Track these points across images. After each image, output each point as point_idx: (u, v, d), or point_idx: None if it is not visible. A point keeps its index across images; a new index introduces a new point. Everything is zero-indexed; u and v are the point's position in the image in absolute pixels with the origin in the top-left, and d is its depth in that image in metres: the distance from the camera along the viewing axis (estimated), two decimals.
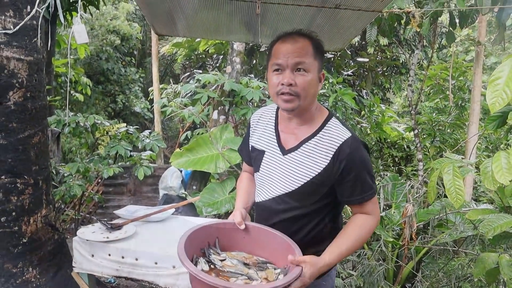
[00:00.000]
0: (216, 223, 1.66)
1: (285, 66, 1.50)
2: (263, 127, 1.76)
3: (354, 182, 1.54)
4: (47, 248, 2.44)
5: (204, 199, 4.46)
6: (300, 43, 1.51)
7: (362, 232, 1.57)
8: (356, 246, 1.57)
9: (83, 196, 5.28)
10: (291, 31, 1.56)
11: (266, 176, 1.68)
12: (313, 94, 1.55)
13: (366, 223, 1.58)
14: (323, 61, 1.60)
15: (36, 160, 2.33)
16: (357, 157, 1.53)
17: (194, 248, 1.54)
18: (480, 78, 5.25)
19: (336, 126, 1.58)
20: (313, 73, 1.51)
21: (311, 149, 1.56)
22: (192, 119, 4.79)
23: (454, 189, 2.57)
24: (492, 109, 2.26)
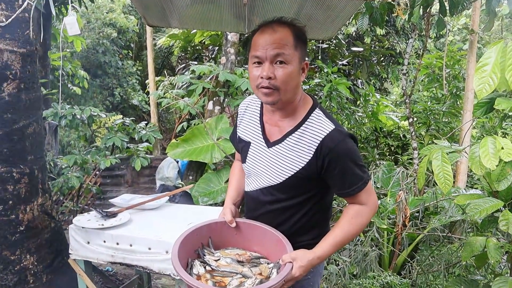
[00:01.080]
0: (207, 224, 1.66)
1: (264, 58, 1.43)
2: (249, 117, 1.73)
3: (342, 176, 1.51)
4: (44, 236, 2.49)
5: (200, 189, 4.53)
6: (279, 33, 1.43)
7: (356, 223, 1.54)
8: (350, 237, 1.56)
9: (81, 188, 5.34)
10: (271, 20, 1.49)
11: (252, 167, 1.67)
12: (295, 86, 1.49)
13: (360, 213, 1.55)
14: (306, 50, 1.53)
15: (31, 150, 2.37)
16: (341, 151, 1.48)
17: (188, 251, 1.57)
18: (474, 66, 5.26)
19: (319, 118, 1.54)
20: (293, 64, 1.44)
21: (294, 142, 1.53)
22: (188, 110, 4.83)
23: (442, 174, 2.61)
24: (479, 95, 2.31)
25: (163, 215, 2.58)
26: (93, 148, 5.03)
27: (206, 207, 3.05)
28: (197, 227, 1.64)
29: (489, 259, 2.67)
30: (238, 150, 1.85)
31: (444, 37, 12.15)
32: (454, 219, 3.07)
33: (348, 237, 1.55)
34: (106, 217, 2.41)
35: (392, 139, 7.33)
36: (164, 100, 4.94)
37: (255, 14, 2.54)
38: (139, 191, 6.41)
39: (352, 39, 9.03)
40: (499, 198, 2.60)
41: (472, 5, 5.21)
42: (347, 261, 3.45)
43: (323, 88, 5.68)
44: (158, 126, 10.58)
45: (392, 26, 9.26)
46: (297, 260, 1.43)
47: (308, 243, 1.63)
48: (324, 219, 1.70)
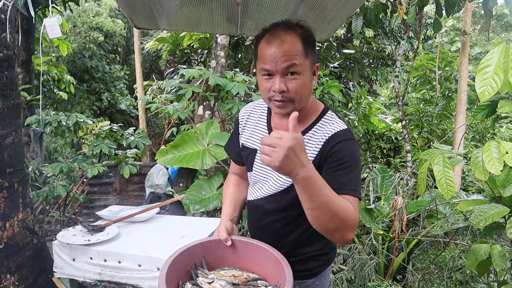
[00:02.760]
0: (200, 242, 1.54)
1: (275, 71, 1.34)
2: (254, 123, 1.65)
3: (337, 170, 1.38)
4: (26, 253, 2.34)
5: (191, 196, 4.39)
6: (287, 44, 1.32)
7: (345, 204, 1.27)
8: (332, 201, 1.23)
9: (68, 197, 5.17)
10: (276, 25, 1.39)
11: (259, 175, 1.60)
12: (308, 94, 1.42)
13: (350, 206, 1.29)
14: (315, 52, 1.42)
15: (10, 162, 2.22)
16: (346, 148, 1.40)
17: (179, 273, 1.44)
18: (467, 68, 5.22)
19: (332, 118, 1.48)
20: (305, 73, 1.35)
21: (306, 142, 1.44)
22: (177, 115, 4.70)
23: (444, 180, 2.53)
24: (482, 98, 2.22)
25: (153, 228, 2.45)
26: (79, 156, 4.88)
27: (198, 218, 2.92)
28: (189, 246, 1.51)
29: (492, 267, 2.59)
30: (236, 160, 1.79)
31: (432, 39, 12.21)
32: (456, 226, 2.98)
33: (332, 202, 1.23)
34: (92, 232, 2.27)
35: (384, 142, 7.27)
36: (153, 105, 4.81)
37: (247, 16, 2.42)
38: (128, 199, 6.25)
39: (341, 41, 8.98)
40: (503, 203, 2.52)
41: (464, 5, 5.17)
42: (344, 269, 3.36)
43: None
44: (147, 131, 10.44)
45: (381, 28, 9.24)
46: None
47: (316, 254, 1.61)
48: None
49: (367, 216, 3.81)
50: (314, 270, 1.67)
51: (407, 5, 3.13)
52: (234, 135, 1.76)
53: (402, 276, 3.77)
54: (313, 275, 1.67)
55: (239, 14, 2.38)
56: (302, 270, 1.64)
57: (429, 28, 10.46)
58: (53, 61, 8.98)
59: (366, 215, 3.82)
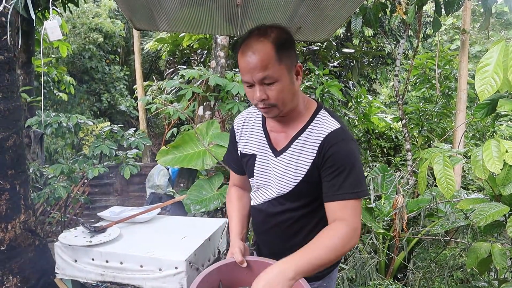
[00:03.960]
0: (217, 267, 1.55)
1: (252, 82, 1.37)
2: (250, 130, 1.66)
3: (335, 176, 1.41)
4: (28, 255, 2.34)
5: (192, 197, 4.39)
6: (259, 54, 1.33)
7: (333, 240, 1.35)
8: (326, 254, 1.33)
9: (69, 198, 5.18)
10: (250, 32, 1.39)
11: (260, 180, 1.61)
12: (292, 97, 1.43)
13: (337, 230, 1.37)
14: (294, 53, 1.43)
15: (11, 164, 2.22)
16: (342, 149, 1.41)
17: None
18: (466, 66, 5.22)
19: (325, 117, 1.49)
20: (283, 78, 1.37)
21: (301, 146, 1.48)
22: (178, 115, 4.70)
23: (445, 179, 2.54)
24: (481, 97, 2.22)
25: (155, 229, 2.46)
26: (80, 157, 4.88)
27: (199, 218, 2.93)
28: (207, 272, 1.52)
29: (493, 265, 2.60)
30: (236, 170, 1.78)
31: (432, 38, 12.20)
32: (457, 225, 2.99)
33: (323, 254, 1.33)
34: (94, 233, 2.27)
35: (384, 141, 7.28)
36: (153, 106, 4.81)
37: (247, 17, 2.43)
38: (129, 199, 6.26)
39: (340, 40, 8.99)
40: (503, 202, 2.53)
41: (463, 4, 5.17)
42: (345, 268, 3.36)
43: (314, 90, 5.60)
44: (147, 131, 10.44)
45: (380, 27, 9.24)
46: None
47: None
48: None
49: (367, 215, 3.82)
50: (321, 272, 1.65)
51: (406, 4, 3.14)
52: (231, 145, 1.76)
53: (403, 275, 3.78)
54: (320, 277, 1.67)
55: (239, 15, 2.38)
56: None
57: (429, 26, 10.46)
58: (53, 62, 8.99)
59: (366, 214, 3.83)
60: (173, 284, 1.99)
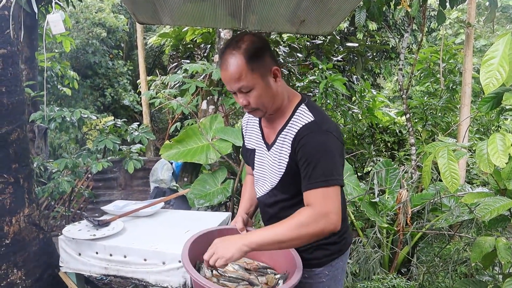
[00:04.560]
0: (218, 229, 1.70)
1: (233, 91, 1.53)
2: (251, 127, 1.83)
3: (305, 167, 1.49)
4: (32, 249, 2.35)
5: (195, 191, 4.39)
6: (232, 67, 1.46)
7: (293, 219, 1.44)
8: (282, 231, 1.43)
9: (73, 192, 5.19)
10: (224, 48, 1.52)
11: (258, 172, 1.75)
12: (271, 98, 1.55)
13: (300, 212, 1.46)
14: (266, 61, 1.52)
15: (15, 158, 2.22)
16: (312, 140, 1.50)
17: (197, 254, 1.55)
18: (471, 60, 5.19)
19: (302, 112, 1.59)
20: (258, 85, 1.49)
21: (283, 139, 1.59)
22: (181, 110, 4.69)
23: (449, 173, 2.52)
24: (486, 90, 2.20)
25: (158, 223, 2.46)
26: (84, 151, 4.89)
27: (203, 212, 2.93)
28: (208, 230, 1.68)
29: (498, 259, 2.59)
30: (248, 163, 1.91)
31: (436, 32, 12.12)
32: (461, 219, 2.97)
33: (281, 229, 1.44)
34: (98, 226, 2.29)
35: (388, 135, 7.24)
36: (156, 100, 4.80)
37: (250, 11, 2.41)
38: (133, 194, 6.27)
39: (344, 34, 8.93)
40: (508, 196, 2.51)
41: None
42: (349, 263, 3.36)
43: (318, 85, 5.58)
44: (151, 126, 10.45)
45: (384, 21, 9.18)
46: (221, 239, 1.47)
47: (324, 243, 1.67)
48: None
49: (371, 210, 3.81)
50: (322, 259, 1.71)
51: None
52: (243, 140, 1.93)
53: (407, 269, 3.77)
54: (322, 264, 1.72)
55: (242, 8, 2.37)
56: (310, 258, 1.69)
57: (433, 20, 10.39)
58: (57, 57, 8.99)
59: (370, 208, 3.82)
60: (177, 278, 2.00)
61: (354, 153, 5.79)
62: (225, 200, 4.32)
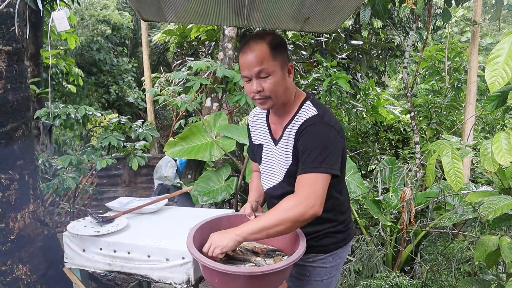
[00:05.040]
0: (227, 215, 1.77)
1: (250, 76, 1.60)
2: (258, 123, 1.90)
3: (301, 154, 1.57)
4: (37, 244, 2.36)
5: (199, 188, 4.41)
6: (256, 51, 1.57)
7: (277, 205, 1.53)
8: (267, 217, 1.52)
9: (77, 189, 5.22)
10: (250, 36, 1.65)
11: (265, 167, 1.83)
12: (284, 90, 1.64)
13: (285, 201, 1.53)
14: (286, 55, 1.66)
15: (20, 154, 2.24)
16: (311, 131, 1.58)
17: (205, 239, 1.60)
18: (476, 58, 5.16)
19: (306, 107, 1.67)
20: (276, 73, 1.59)
21: (288, 133, 1.67)
22: (185, 107, 4.71)
23: (453, 171, 2.51)
24: (492, 89, 2.19)
25: (162, 220, 2.47)
26: (88, 148, 4.91)
27: (207, 209, 2.93)
28: (216, 216, 1.76)
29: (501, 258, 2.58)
30: (254, 159, 1.98)
31: (442, 30, 12.07)
32: (465, 217, 2.97)
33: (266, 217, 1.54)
34: (102, 223, 2.29)
35: (393, 133, 7.22)
36: (161, 98, 4.82)
37: (254, 8, 2.41)
38: (137, 191, 6.29)
39: (349, 32, 8.91)
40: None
41: None
42: (352, 261, 3.36)
43: (322, 82, 5.57)
44: (155, 123, 10.47)
45: (390, 19, 9.14)
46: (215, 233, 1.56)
47: (330, 232, 1.76)
48: (338, 205, 1.76)
49: (375, 208, 3.80)
50: (329, 247, 1.79)
51: None
52: (248, 137, 2.00)
53: (410, 268, 3.77)
54: (328, 251, 1.79)
55: (246, 6, 2.37)
56: (316, 245, 1.77)
57: (439, 18, 10.33)
58: (61, 54, 9.01)
59: (374, 206, 3.82)
60: (180, 274, 2.00)
61: (358, 151, 5.78)
62: (228, 198, 4.33)
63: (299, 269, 1.82)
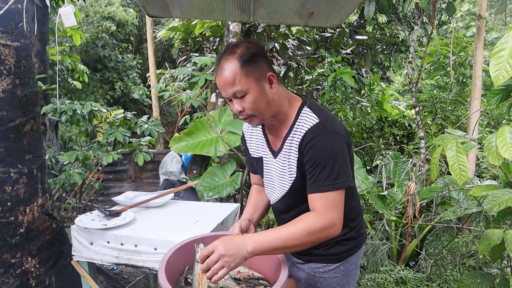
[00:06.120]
0: (214, 234, 1.64)
1: (228, 97, 1.51)
2: (255, 135, 1.78)
3: (312, 170, 1.48)
4: (45, 238, 2.40)
5: (205, 183, 4.43)
6: (226, 71, 1.46)
7: (298, 226, 1.43)
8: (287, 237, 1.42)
9: (84, 184, 5.26)
10: (221, 55, 1.52)
11: (267, 180, 1.74)
12: (267, 104, 1.52)
13: (306, 219, 1.45)
14: (261, 66, 1.51)
15: (29, 149, 2.27)
16: (318, 143, 1.48)
17: (187, 259, 1.55)
18: (482, 53, 5.14)
19: (305, 115, 1.56)
20: (253, 90, 1.47)
21: (289, 144, 1.57)
22: (190, 103, 4.72)
23: (457, 165, 2.52)
24: (496, 82, 2.19)
25: (168, 213, 2.50)
26: (94, 144, 4.94)
27: (213, 203, 2.96)
28: (202, 236, 1.62)
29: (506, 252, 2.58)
30: (254, 171, 1.90)
31: (447, 25, 12.00)
32: (469, 211, 2.97)
33: (285, 235, 1.42)
34: (109, 217, 2.33)
35: (398, 129, 7.22)
36: (166, 93, 4.83)
37: (259, 4, 2.42)
38: (142, 186, 6.33)
39: (353, 27, 8.89)
40: None
41: None
42: None
43: (327, 78, 5.57)
44: (160, 119, 10.49)
45: (394, 14, 9.11)
46: (220, 240, 1.40)
47: (341, 240, 1.66)
48: (349, 211, 1.63)
49: (379, 203, 3.81)
50: (340, 255, 1.70)
51: None
52: (245, 150, 1.89)
53: (415, 262, 3.78)
54: (339, 260, 1.70)
55: (251, 1, 2.38)
56: (326, 254, 1.70)
57: (444, 13, 10.29)
58: (67, 51, 9.05)
59: (378, 201, 3.82)
60: None
61: (363, 146, 5.79)
62: (234, 193, 4.35)
63: (309, 281, 1.75)
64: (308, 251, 1.73)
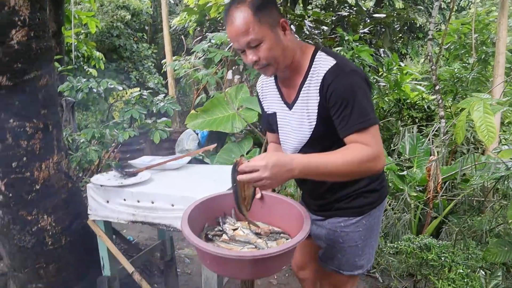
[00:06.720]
0: (228, 194, 1.62)
1: (241, 48, 1.47)
2: (268, 90, 1.77)
3: (342, 111, 1.44)
4: (61, 196, 2.36)
5: (221, 160, 4.41)
6: (238, 20, 1.40)
7: (349, 154, 1.38)
8: (336, 164, 1.36)
9: (100, 163, 5.25)
10: (229, 4, 1.46)
11: (283, 134, 1.71)
12: (283, 52, 1.48)
13: (356, 148, 1.40)
14: (274, 12, 1.46)
15: (44, 103, 2.22)
16: (341, 84, 1.44)
17: (207, 216, 1.57)
18: (506, 29, 4.98)
19: (320, 58, 1.52)
20: (267, 38, 1.43)
21: (306, 92, 1.54)
22: (207, 80, 4.67)
23: (485, 126, 2.43)
24: None
25: (185, 174, 2.46)
26: (111, 122, 4.93)
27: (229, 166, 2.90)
28: (221, 193, 1.64)
29: None
30: (268, 129, 1.90)
31: (466, 10, 11.73)
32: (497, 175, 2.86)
33: (334, 164, 1.36)
34: (126, 176, 2.29)
35: (416, 111, 7.07)
36: (181, 70, 4.79)
37: None
38: None
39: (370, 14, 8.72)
40: None
41: None
42: None
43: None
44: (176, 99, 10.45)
45: None
46: (270, 156, 1.33)
47: (363, 191, 1.65)
48: None
49: (400, 181, 3.73)
50: (363, 208, 1.68)
51: None
52: (261, 107, 1.88)
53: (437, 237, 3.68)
54: (361, 213, 1.68)
55: None
56: (348, 207, 1.67)
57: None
58: (82, 38, 9.09)
59: (399, 180, 3.74)
60: None
61: (381, 128, 5.67)
62: None
63: (329, 237, 1.72)
64: (329, 205, 1.71)
